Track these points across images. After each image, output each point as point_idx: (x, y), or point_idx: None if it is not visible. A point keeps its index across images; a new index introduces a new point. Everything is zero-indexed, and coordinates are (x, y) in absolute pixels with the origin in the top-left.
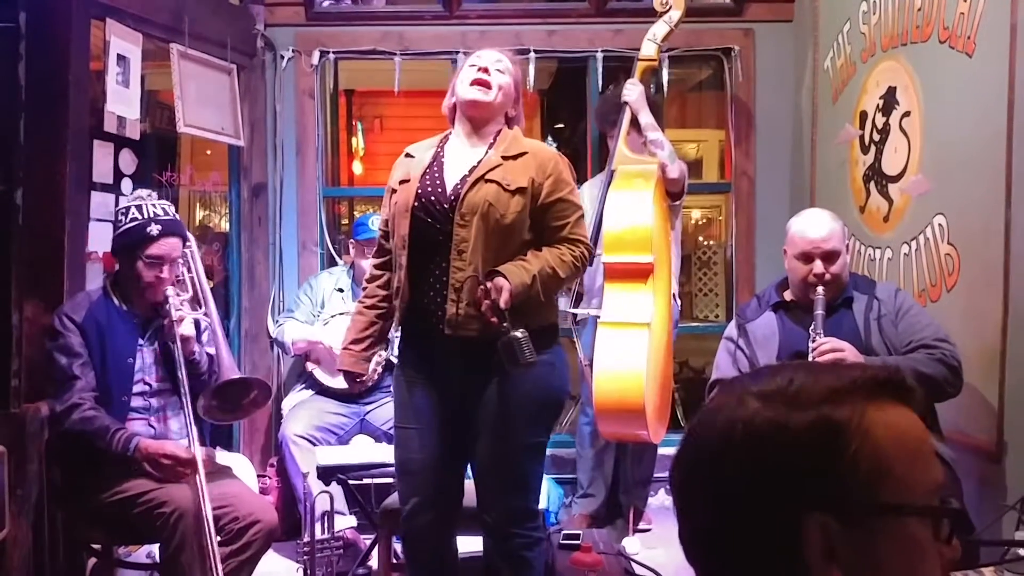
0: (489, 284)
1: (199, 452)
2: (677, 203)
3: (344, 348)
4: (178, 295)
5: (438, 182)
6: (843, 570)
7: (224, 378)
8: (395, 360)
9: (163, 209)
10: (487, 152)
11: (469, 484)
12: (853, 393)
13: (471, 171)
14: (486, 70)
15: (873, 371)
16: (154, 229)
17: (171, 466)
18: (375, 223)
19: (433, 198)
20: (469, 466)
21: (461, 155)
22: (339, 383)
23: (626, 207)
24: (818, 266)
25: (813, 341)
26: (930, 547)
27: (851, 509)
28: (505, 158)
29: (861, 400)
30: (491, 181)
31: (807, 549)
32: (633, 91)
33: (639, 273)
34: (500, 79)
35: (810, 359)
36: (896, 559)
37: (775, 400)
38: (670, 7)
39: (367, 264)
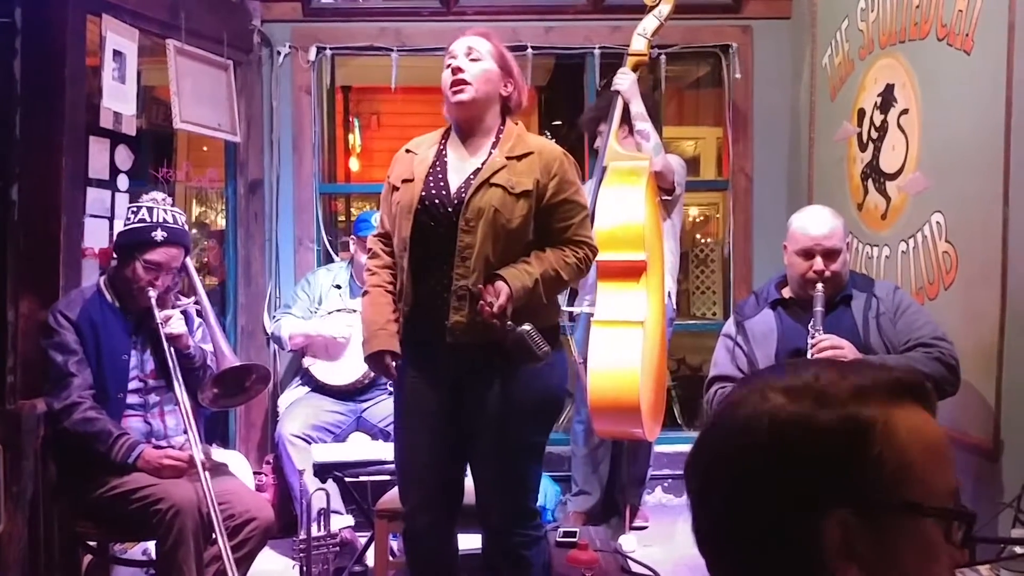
0: (489, 287)
1: (199, 454)
2: (669, 198)
3: (379, 329)
4: (162, 293)
5: (442, 183)
6: (861, 567)
7: (223, 366)
8: None
9: (173, 216)
10: (491, 152)
11: (469, 482)
12: (878, 393)
13: (475, 173)
14: (459, 69)
15: (896, 373)
16: (158, 235)
17: (173, 467)
18: (378, 220)
19: (437, 200)
20: (469, 465)
21: (464, 154)
22: (336, 379)
23: (618, 205)
24: (819, 263)
25: (812, 338)
26: (942, 548)
27: (873, 507)
28: (510, 158)
29: (885, 401)
30: (496, 185)
31: (827, 544)
32: (625, 80)
33: (632, 271)
34: (476, 69)
35: (808, 356)
36: (913, 558)
37: (802, 396)
38: (659, 1)
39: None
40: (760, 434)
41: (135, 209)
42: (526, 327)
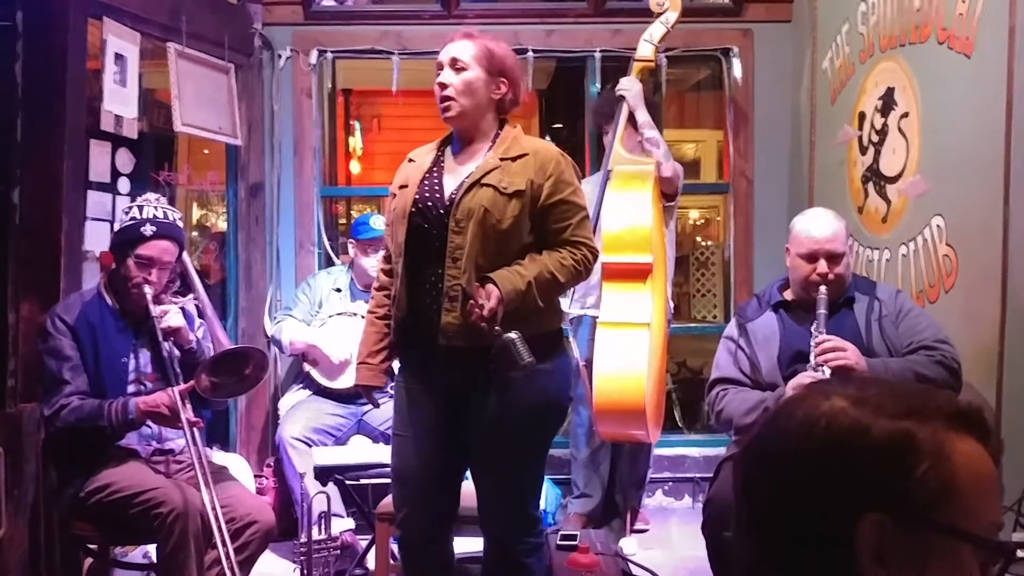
0: (480, 290)
1: (203, 452)
2: (671, 204)
3: (361, 362)
4: (159, 292)
5: (436, 187)
6: (891, 575)
7: (217, 351)
8: (395, 365)
9: (164, 212)
10: (486, 154)
11: (468, 486)
12: (937, 416)
13: (469, 175)
14: (443, 85)
15: (958, 402)
16: (148, 229)
17: (174, 417)
18: (376, 222)
19: (430, 203)
20: (469, 472)
21: (462, 158)
22: (337, 384)
23: (625, 207)
24: (822, 266)
25: (815, 340)
26: None
27: (911, 519)
28: (504, 160)
29: (944, 425)
30: (487, 185)
31: (860, 546)
32: (631, 87)
33: (638, 273)
34: (459, 82)
35: (811, 357)
36: None
37: (862, 404)
38: (666, 8)
39: (367, 263)
40: (816, 432)
41: (127, 209)
42: (512, 335)
